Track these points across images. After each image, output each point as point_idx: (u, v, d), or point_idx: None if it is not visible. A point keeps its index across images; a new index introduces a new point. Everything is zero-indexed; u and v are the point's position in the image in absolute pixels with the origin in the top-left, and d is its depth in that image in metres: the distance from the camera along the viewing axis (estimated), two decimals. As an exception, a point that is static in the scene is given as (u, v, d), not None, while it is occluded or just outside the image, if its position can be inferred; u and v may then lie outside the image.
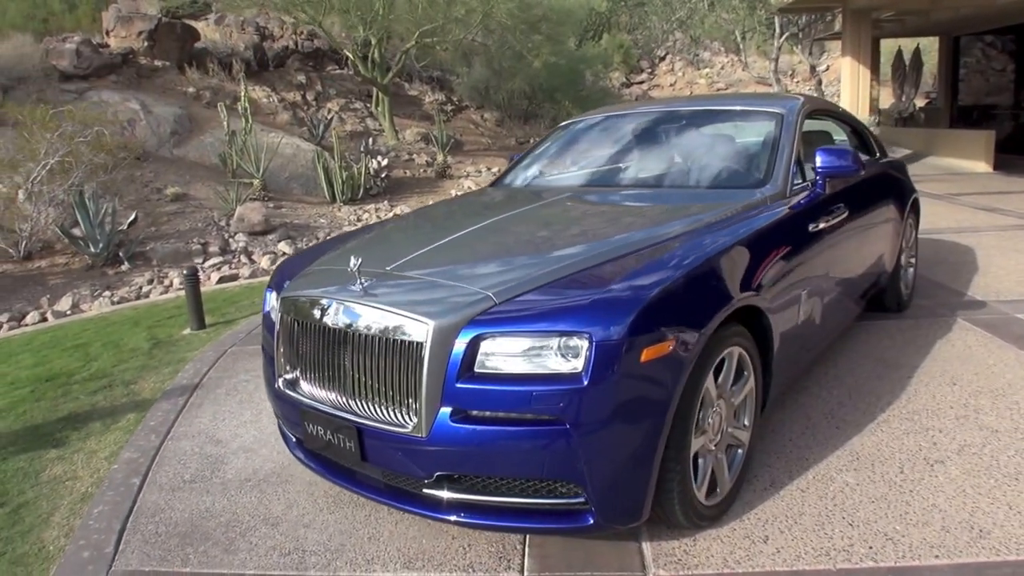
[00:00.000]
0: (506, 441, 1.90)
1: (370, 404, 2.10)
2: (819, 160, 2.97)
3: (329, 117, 13.23)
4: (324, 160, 10.36)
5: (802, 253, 2.75)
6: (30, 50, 9.49)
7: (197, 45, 12.00)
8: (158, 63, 11.16)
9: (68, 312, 5.96)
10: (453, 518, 2.05)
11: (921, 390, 3.33)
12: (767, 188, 2.84)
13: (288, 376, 2.38)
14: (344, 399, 2.17)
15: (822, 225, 2.93)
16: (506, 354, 1.91)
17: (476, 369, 1.93)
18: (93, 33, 11.15)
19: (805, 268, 2.78)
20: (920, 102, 18.34)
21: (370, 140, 12.20)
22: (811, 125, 4.39)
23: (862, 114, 11.61)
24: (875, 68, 16.87)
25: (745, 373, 2.42)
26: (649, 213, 2.71)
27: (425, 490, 2.06)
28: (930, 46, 18.63)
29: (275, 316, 2.47)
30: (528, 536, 2.31)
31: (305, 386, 2.32)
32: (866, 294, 3.82)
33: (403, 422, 2.00)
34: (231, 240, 8.30)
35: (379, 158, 11.18)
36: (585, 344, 1.84)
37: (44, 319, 5.79)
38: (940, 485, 2.51)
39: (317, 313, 2.24)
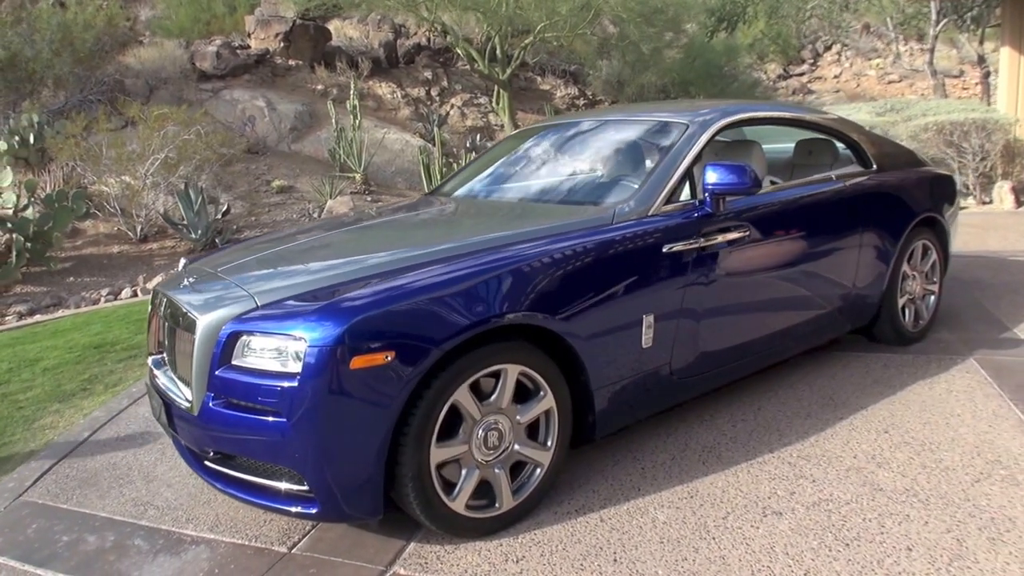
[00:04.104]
0: (247, 428, 2.18)
1: (174, 383, 2.48)
2: (707, 177, 2.80)
3: (444, 112, 13.87)
4: (427, 155, 10.94)
5: (652, 276, 2.66)
6: (179, 53, 11.00)
7: (331, 44, 13.12)
8: (292, 63, 12.39)
9: (158, 285, 6.96)
10: (218, 486, 2.38)
11: (839, 435, 3.05)
12: (627, 205, 2.77)
13: (150, 358, 2.78)
14: (167, 377, 2.55)
15: (694, 246, 2.78)
16: (254, 351, 2.20)
17: (233, 361, 2.23)
18: (245, 35, 12.61)
19: (659, 293, 2.69)
20: None
21: (478, 136, 12.65)
22: (812, 135, 4.08)
23: (1021, 114, 10.11)
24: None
25: (542, 393, 2.43)
26: (462, 228, 2.84)
27: (207, 463, 2.37)
28: None
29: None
30: (321, 522, 2.52)
31: (154, 366, 2.71)
32: (818, 324, 3.51)
33: (185, 400, 2.35)
34: (320, 228, 9.09)
35: (483, 153, 11.58)
36: (303, 348, 2.08)
37: (135, 294, 6.80)
38: (752, 538, 2.36)
39: (159, 303, 2.69)
